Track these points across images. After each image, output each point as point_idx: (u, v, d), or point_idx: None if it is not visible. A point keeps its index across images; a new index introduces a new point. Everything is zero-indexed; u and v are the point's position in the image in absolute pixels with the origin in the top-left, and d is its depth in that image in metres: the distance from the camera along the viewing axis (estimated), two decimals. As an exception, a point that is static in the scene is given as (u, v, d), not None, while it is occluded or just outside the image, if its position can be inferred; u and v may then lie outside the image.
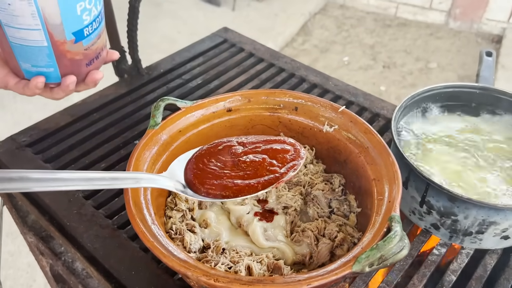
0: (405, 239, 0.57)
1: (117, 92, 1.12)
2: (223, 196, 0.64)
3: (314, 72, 1.17)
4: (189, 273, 0.57)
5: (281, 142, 0.71)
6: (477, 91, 0.88)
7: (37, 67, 0.64)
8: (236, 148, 0.70)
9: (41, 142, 0.99)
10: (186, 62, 1.22)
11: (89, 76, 0.68)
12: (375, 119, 1.04)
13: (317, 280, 0.56)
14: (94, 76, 0.68)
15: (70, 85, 0.66)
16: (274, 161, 0.67)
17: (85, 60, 0.66)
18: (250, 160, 0.67)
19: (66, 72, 0.65)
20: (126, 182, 0.60)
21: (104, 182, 0.56)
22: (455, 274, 0.76)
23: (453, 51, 3.29)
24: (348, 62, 3.16)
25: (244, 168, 0.66)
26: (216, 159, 0.68)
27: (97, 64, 0.69)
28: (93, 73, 0.68)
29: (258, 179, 0.65)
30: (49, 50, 0.62)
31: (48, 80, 0.65)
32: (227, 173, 0.66)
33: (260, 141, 0.71)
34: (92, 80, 0.69)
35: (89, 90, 1.04)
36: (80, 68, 0.66)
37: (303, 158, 0.68)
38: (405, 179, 0.78)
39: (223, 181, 0.65)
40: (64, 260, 1.01)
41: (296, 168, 0.66)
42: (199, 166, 0.68)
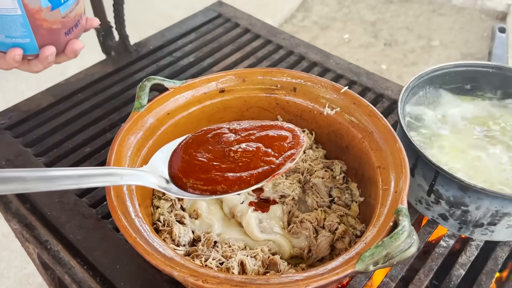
0: (414, 235, 0.52)
1: (103, 71, 1.05)
2: (212, 192, 0.57)
3: (314, 49, 1.10)
4: (175, 273, 0.51)
5: (278, 128, 0.64)
6: (490, 70, 0.82)
7: (12, 38, 0.58)
8: (227, 136, 0.63)
9: (21, 124, 0.93)
10: (178, 39, 1.15)
11: (69, 46, 0.63)
12: (379, 100, 0.97)
13: (316, 281, 0.51)
14: (74, 46, 0.63)
15: (49, 56, 0.60)
16: (270, 150, 0.61)
17: (64, 29, 0.61)
18: (243, 150, 0.60)
19: (44, 43, 0.60)
20: (99, 180, 0.51)
21: (71, 181, 0.48)
22: (464, 268, 0.70)
23: (456, 28, 3.20)
24: (349, 40, 3.07)
25: (235, 159, 0.60)
26: (205, 149, 0.62)
27: (77, 33, 0.63)
28: (72, 42, 0.63)
29: (251, 171, 0.58)
30: (23, 19, 0.57)
31: (25, 52, 0.60)
32: (217, 165, 0.59)
33: (255, 127, 0.64)
34: (72, 50, 0.63)
35: (73, 68, 0.97)
36: (59, 38, 0.61)
37: (302, 145, 0.62)
38: (412, 166, 0.72)
39: (212, 175, 0.58)
40: (50, 248, 0.96)
41: (295, 158, 0.60)
42: (185, 158, 0.61)
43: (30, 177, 0.44)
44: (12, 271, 1.89)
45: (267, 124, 0.65)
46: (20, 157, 0.85)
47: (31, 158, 0.85)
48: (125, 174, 0.55)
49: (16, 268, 1.90)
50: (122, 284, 0.68)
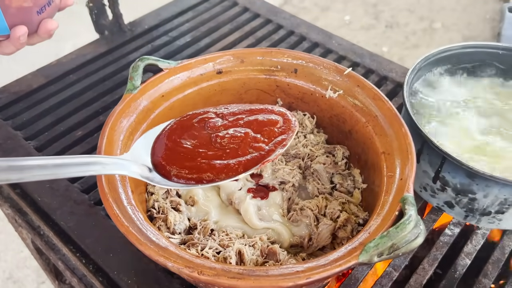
0: (421, 225, 0.49)
1: (96, 51, 1.01)
2: (197, 181, 0.54)
3: (315, 29, 1.06)
4: (170, 264, 0.49)
5: (268, 112, 0.61)
6: (500, 52, 0.78)
7: None
8: (213, 121, 0.59)
9: (11, 106, 0.89)
10: (174, 18, 1.11)
11: (42, 26, 0.58)
12: (382, 82, 0.94)
13: (318, 273, 0.48)
14: (48, 25, 0.59)
15: (21, 37, 0.56)
16: (259, 136, 0.57)
17: (35, 8, 0.56)
18: (230, 136, 0.57)
19: (15, 23, 0.56)
20: (78, 170, 0.48)
21: (46, 171, 0.44)
22: (470, 257, 0.68)
23: (459, 10, 3.14)
24: (350, 21, 3.01)
25: (223, 146, 0.56)
26: (190, 136, 0.58)
27: (50, 12, 0.59)
28: (46, 22, 0.59)
29: (239, 158, 0.55)
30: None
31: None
32: (203, 153, 0.56)
33: (243, 112, 0.61)
34: (46, 30, 0.59)
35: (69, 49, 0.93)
36: (31, 17, 0.57)
37: (294, 130, 0.58)
38: (417, 151, 0.69)
39: (197, 162, 0.55)
40: (43, 234, 0.93)
41: (286, 144, 0.56)
42: (169, 145, 0.57)
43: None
44: (9, 254, 1.88)
45: (257, 108, 0.61)
46: (10, 140, 0.82)
47: (21, 142, 0.82)
48: (107, 163, 0.51)
49: (12, 251, 1.89)
50: (116, 273, 0.65)
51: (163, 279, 0.64)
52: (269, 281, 0.48)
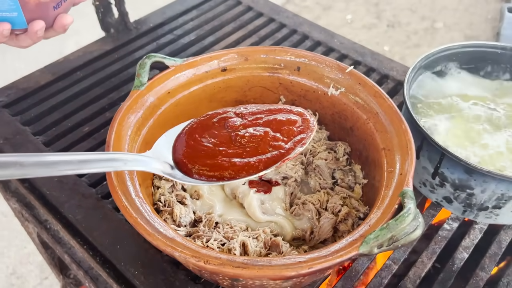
0: (419, 217, 0.51)
1: (102, 49, 1.02)
2: (218, 178, 0.56)
3: (318, 28, 1.08)
4: (177, 254, 0.51)
5: (286, 111, 0.62)
6: (499, 51, 0.80)
7: (1, 15, 0.56)
8: (233, 121, 0.61)
9: (20, 102, 0.91)
10: (178, 16, 1.12)
11: (58, 21, 0.61)
12: (383, 81, 0.96)
13: (320, 263, 0.50)
14: (63, 20, 0.61)
15: (38, 31, 0.58)
16: (279, 135, 0.59)
17: (52, 3, 0.58)
18: (250, 135, 0.59)
19: (32, 17, 0.58)
20: (101, 165, 0.50)
21: (71, 166, 0.46)
22: (467, 251, 0.70)
23: (461, 10, 3.15)
24: (351, 21, 3.02)
25: (243, 144, 0.58)
26: (210, 134, 0.60)
27: (65, 7, 0.61)
28: (61, 17, 0.61)
29: (259, 156, 0.56)
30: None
31: (13, 26, 0.58)
32: (223, 151, 0.58)
33: (262, 111, 0.62)
34: (61, 25, 0.61)
35: (72, 46, 0.95)
36: (47, 12, 0.59)
37: (313, 130, 0.60)
38: (417, 148, 0.71)
39: (218, 160, 0.57)
40: (50, 228, 0.95)
41: (305, 142, 0.58)
42: (190, 143, 0.59)
43: (28, 162, 0.43)
44: (12, 250, 1.89)
45: (275, 108, 0.63)
46: (18, 135, 0.84)
47: (29, 137, 0.84)
48: (128, 159, 0.54)
49: (16, 247, 1.91)
50: (122, 264, 0.67)
51: (168, 270, 0.66)
52: (273, 270, 0.49)
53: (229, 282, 0.58)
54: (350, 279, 0.67)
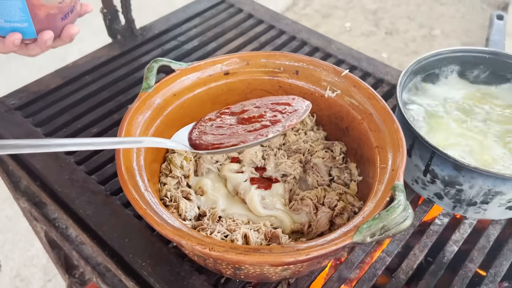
0: (409, 208, 0.55)
1: (109, 54, 1.07)
2: (231, 146, 0.62)
3: (316, 35, 1.12)
4: (183, 242, 0.54)
5: (277, 99, 0.70)
6: (487, 56, 0.84)
7: (11, 23, 0.61)
8: (234, 109, 0.69)
9: (31, 105, 0.95)
10: (182, 23, 1.17)
11: (65, 31, 0.65)
12: (378, 85, 1.00)
13: (317, 250, 0.54)
14: (70, 30, 0.65)
15: (47, 41, 0.62)
16: (277, 113, 0.66)
17: (60, 14, 0.63)
18: (253, 116, 0.66)
19: (41, 28, 0.62)
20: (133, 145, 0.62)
21: (110, 146, 0.58)
22: (457, 244, 0.74)
23: (457, 17, 3.21)
24: (350, 28, 3.08)
25: (249, 121, 0.65)
26: (217, 124, 0.67)
27: (72, 18, 0.66)
28: (68, 27, 0.65)
29: (265, 126, 0.64)
30: (22, 4, 0.59)
31: (23, 36, 0.62)
32: (233, 127, 0.65)
33: (254, 105, 0.70)
34: (68, 35, 0.65)
35: (74, 54, 0.99)
36: (56, 23, 0.63)
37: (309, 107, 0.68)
38: (409, 147, 0.75)
39: (230, 133, 0.64)
40: (58, 226, 0.99)
41: (302, 116, 0.65)
42: (201, 129, 0.66)
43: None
44: (16, 253, 1.92)
45: (265, 99, 0.70)
46: (31, 136, 0.88)
47: (41, 137, 0.88)
48: (153, 141, 0.62)
49: (20, 250, 1.93)
50: (131, 256, 0.71)
51: (174, 261, 0.70)
52: (273, 257, 0.53)
53: (232, 271, 0.62)
54: (346, 269, 0.71)
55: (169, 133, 0.76)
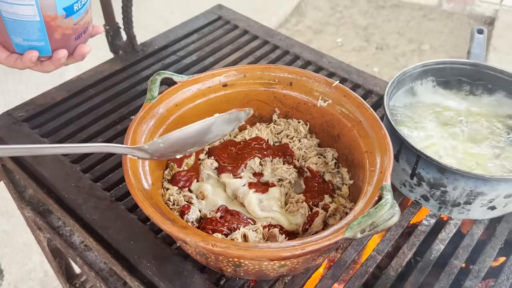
0: (396, 206, 0.59)
1: (112, 68, 1.12)
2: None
3: (308, 49, 1.18)
4: (188, 239, 0.59)
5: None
6: (468, 67, 0.90)
7: (29, 41, 0.65)
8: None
9: (38, 117, 1.00)
10: (181, 39, 1.23)
11: (78, 50, 0.70)
12: (368, 95, 1.06)
13: (311, 245, 0.58)
14: (82, 49, 0.70)
15: (62, 58, 0.68)
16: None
17: (74, 35, 0.68)
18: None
19: (56, 46, 0.67)
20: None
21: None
22: (443, 243, 0.78)
23: (446, 32, 3.30)
24: (342, 44, 3.16)
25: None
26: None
27: (85, 38, 0.71)
28: (81, 47, 0.70)
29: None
30: (41, 24, 0.64)
31: (40, 54, 0.67)
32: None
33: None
34: (80, 53, 0.70)
35: (84, 66, 1.05)
36: (70, 42, 0.68)
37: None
38: (396, 152, 0.80)
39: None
40: (62, 233, 1.02)
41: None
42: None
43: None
44: (14, 267, 1.93)
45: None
46: (38, 146, 0.92)
47: (48, 147, 0.92)
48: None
49: (17, 264, 1.95)
50: (136, 257, 0.75)
51: (177, 261, 0.74)
52: (271, 251, 0.58)
53: (232, 268, 0.66)
54: (339, 268, 0.75)
55: (172, 141, 0.81)
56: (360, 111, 0.77)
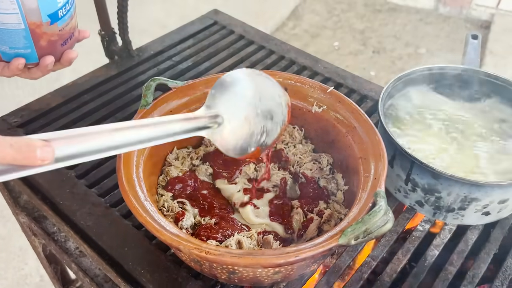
0: (390, 213, 0.59)
1: (107, 74, 1.12)
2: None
3: (303, 54, 1.19)
4: (181, 247, 0.59)
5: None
6: (462, 72, 0.90)
7: (15, 49, 0.65)
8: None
9: (33, 122, 0.99)
10: (176, 44, 1.23)
11: (65, 56, 0.70)
12: (363, 100, 1.06)
13: (305, 252, 0.58)
14: (69, 55, 0.70)
15: (48, 65, 0.67)
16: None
17: (60, 41, 0.68)
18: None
19: (43, 53, 0.67)
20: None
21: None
22: (438, 248, 0.78)
23: (442, 36, 3.31)
24: (338, 47, 3.17)
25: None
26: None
27: (71, 44, 0.71)
28: (68, 52, 0.70)
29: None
30: (26, 32, 0.63)
31: (26, 61, 0.67)
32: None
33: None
34: (67, 59, 0.70)
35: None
36: (56, 48, 0.68)
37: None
38: (391, 158, 0.80)
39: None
40: (57, 239, 1.02)
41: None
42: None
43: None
44: (9, 272, 1.93)
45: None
46: (33, 152, 0.92)
47: (43, 153, 0.92)
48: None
49: (13, 269, 1.94)
50: (130, 264, 0.75)
51: (172, 268, 0.73)
52: (265, 259, 0.57)
53: (227, 275, 0.66)
54: (334, 274, 0.75)
55: (166, 147, 0.81)
56: (354, 117, 0.77)
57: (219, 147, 0.65)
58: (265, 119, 0.65)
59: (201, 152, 0.85)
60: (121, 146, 0.53)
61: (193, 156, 0.84)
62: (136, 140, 0.54)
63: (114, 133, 0.53)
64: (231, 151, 0.65)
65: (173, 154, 0.82)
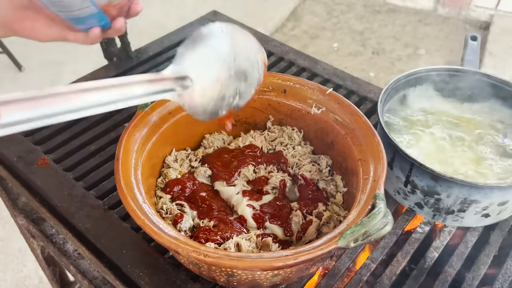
0: (389, 215, 0.59)
1: (106, 75, 1.11)
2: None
3: (303, 56, 1.18)
4: (180, 249, 0.58)
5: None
6: (461, 74, 0.90)
7: (91, 24, 0.68)
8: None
9: (31, 124, 0.99)
10: (175, 46, 1.22)
11: (132, 9, 0.69)
12: (362, 102, 1.06)
13: (304, 255, 0.58)
14: (136, 9, 0.68)
15: (121, 27, 0.68)
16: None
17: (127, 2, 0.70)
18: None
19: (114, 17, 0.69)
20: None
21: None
22: (438, 250, 0.78)
23: (441, 37, 3.32)
24: (338, 48, 3.17)
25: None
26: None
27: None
28: (134, 5, 0.69)
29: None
30: (99, 14, 0.66)
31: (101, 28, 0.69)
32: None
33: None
34: (135, 12, 0.69)
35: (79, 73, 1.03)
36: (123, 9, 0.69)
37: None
38: (390, 159, 0.80)
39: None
40: (55, 241, 1.02)
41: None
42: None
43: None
44: (8, 274, 1.93)
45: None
46: (31, 154, 0.92)
47: (41, 155, 0.92)
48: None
49: (12, 271, 1.94)
50: (128, 267, 0.74)
51: (170, 271, 0.73)
52: (263, 262, 0.57)
53: (225, 278, 0.65)
54: (333, 277, 0.74)
55: (165, 149, 0.81)
56: (353, 118, 0.77)
57: (187, 111, 0.62)
58: (239, 80, 0.62)
59: (199, 154, 0.84)
60: (78, 110, 0.51)
61: (192, 158, 0.84)
62: (95, 103, 0.53)
63: (71, 96, 0.50)
64: (201, 114, 0.62)
65: (171, 156, 0.82)
